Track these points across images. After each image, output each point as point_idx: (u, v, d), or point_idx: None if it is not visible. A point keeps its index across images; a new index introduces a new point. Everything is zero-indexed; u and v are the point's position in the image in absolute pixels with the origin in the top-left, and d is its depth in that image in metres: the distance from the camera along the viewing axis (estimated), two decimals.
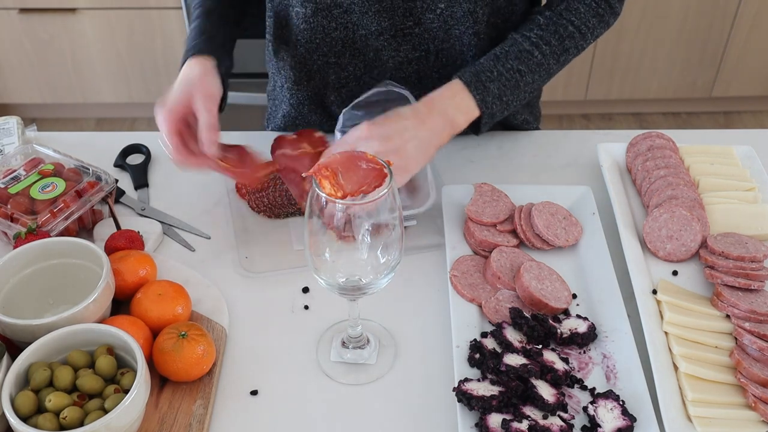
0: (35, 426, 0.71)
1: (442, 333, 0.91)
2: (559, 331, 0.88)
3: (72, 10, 2.62)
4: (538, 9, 1.08)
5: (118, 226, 1.02)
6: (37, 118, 2.96)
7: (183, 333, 0.83)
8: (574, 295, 0.94)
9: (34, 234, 0.92)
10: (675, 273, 0.96)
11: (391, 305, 0.94)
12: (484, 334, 0.88)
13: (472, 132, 1.05)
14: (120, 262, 0.91)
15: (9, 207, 0.97)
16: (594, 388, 0.84)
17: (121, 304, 0.90)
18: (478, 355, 0.85)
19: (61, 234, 0.96)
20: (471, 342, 0.87)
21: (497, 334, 0.86)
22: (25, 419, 0.72)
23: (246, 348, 0.90)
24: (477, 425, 0.78)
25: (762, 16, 2.70)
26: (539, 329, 0.87)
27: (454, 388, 0.80)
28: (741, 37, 2.76)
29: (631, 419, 0.79)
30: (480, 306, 0.92)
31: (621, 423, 0.78)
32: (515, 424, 0.76)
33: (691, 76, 2.87)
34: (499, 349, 0.85)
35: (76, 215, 0.99)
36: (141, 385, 0.74)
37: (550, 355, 0.85)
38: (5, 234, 0.98)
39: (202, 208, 1.09)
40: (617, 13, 1.09)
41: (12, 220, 0.96)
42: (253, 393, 0.85)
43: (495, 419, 0.77)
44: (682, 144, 1.13)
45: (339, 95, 1.15)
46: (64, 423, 0.72)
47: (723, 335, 0.87)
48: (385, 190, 0.72)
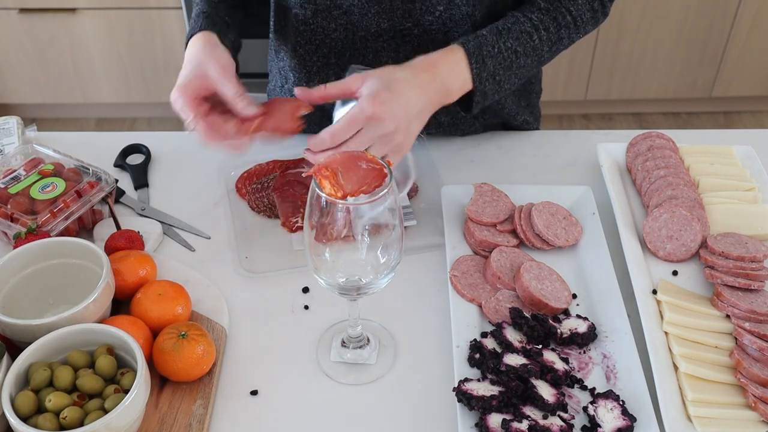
0: (35, 426, 0.71)
1: (442, 333, 0.91)
2: (559, 331, 0.88)
3: (72, 10, 2.62)
4: None
5: (118, 226, 1.02)
6: (37, 118, 2.96)
7: (183, 333, 0.83)
8: (574, 295, 0.94)
9: (34, 234, 0.92)
10: (675, 273, 0.96)
11: (391, 305, 0.94)
12: (484, 334, 0.88)
13: (462, 110, 1.02)
14: (120, 262, 0.91)
15: (9, 207, 0.97)
16: (594, 388, 0.84)
17: (121, 304, 0.90)
18: (478, 355, 0.85)
19: (61, 234, 0.96)
20: (471, 342, 0.87)
21: (497, 334, 0.86)
22: (25, 419, 0.72)
23: (246, 348, 0.90)
24: (477, 425, 0.78)
25: (762, 16, 2.70)
26: (539, 329, 0.87)
27: (454, 388, 0.80)
28: (741, 37, 2.76)
29: (631, 419, 0.79)
30: (480, 306, 0.92)
31: (621, 423, 0.78)
32: (515, 424, 0.76)
33: (691, 76, 2.87)
34: (499, 349, 0.85)
35: (76, 215, 0.99)
36: (141, 385, 0.74)
37: (550, 355, 0.85)
38: (5, 234, 0.98)
39: (202, 208, 1.09)
40: (606, 13, 1.09)
41: (12, 220, 0.96)
42: (253, 393, 0.85)
43: (495, 419, 0.77)
44: (682, 144, 1.13)
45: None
46: (64, 423, 0.72)
47: (723, 335, 0.87)
48: (385, 190, 0.72)
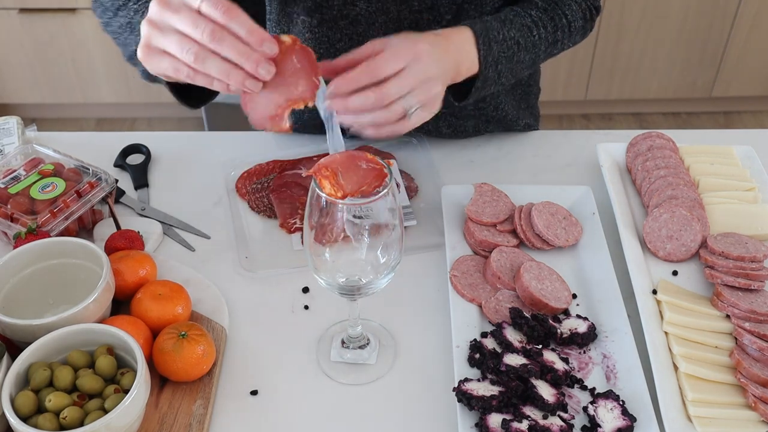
0: (35, 426, 0.71)
1: (442, 333, 0.91)
2: (559, 331, 0.88)
3: (72, 10, 2.62)
4: None
5: (118, 226, 1.02)
6: (37, 118, 2.96)
7: (183, 333, 0.83)
8: (574, 295, 0.94)
9: (34, 234, 0.92)
10: (675, 273, 0.96)
11: (391, 305, 0.94)
12: (484, 334, 0.88)
13: (455, 100, 0.98)
14: (120, 262, 0.91)
15: (9, 207, 0.97)
16: (594, 388, 0.84)
17: (121, 304, 0.90)
18: (478, 355, 0.85)
19: (61, 234, 0.96)
20: (471, 342, 0.87)
21: (497, 334, 0.86)
22: (25, 419, 0.72)
23: (246, 348, 0.90)
24: (477, 425, 0.78)
25: (762, 16, 2.70)
26: (539, 329, 0.87)
27: (454, 388, 0.80)
28: (741, 37, 2.76)
29: (631, 419, 0.79)
30: (480, 306, 0.92)
31: (621, 423, 0.78)
32: (515, 424, 0.76)
33: (691, 76, 2.87)
34: (499, 349, 0.85)
35: (76, 215, 0.99)
36: (141, 385, 0.74)
37: (550, 355, 0.85)
38: (5, 234, 0.98)
39: (202, 208, 1.09)
40: (592, 27, 1.10)
41: (12, 220, 0.96)
42: (253, 393, 0.85)
43: (495, 419, 0.77)
44: (682, 144, 1.13)
45: None
46: (64, 423, 0.72)
47: (723, 335, 0.87)
48: (385, 190, 0.72)
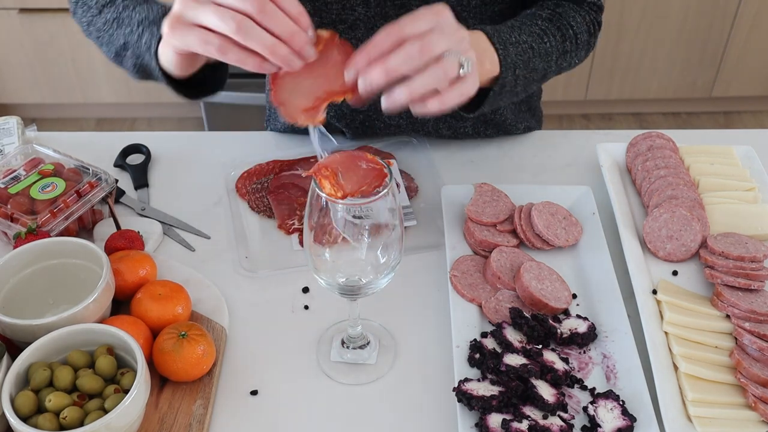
0: (35, 426, 0.71)
1: (442, 333, 0.91)
2: (559, 331, 0.88)
3: None
4: (536, 8, 1.04)
5: (118, 226, 1.02)
6: (37, 118, 2.96)
7: (183, 333, 0.83)
8: (574, 295, 0.94)
9: (34, 234, 0.92)
10: (675, 273, 0.96)
11: (391, 305, 0.94)
12: (484, 334, 0.88)
13: (465, 112, 0.93)
14: (120, 262, 0.91)
15: (9, 207, 0.97)
16: (594, 388, 0.84)
17: (121, 304, 0.90)
18: (478, 355, 0.85)
19: (61, 234, 0.96)
20: (471, 342, 0.87)
21: (497, 334, 0.86)
22: (25, 419, 0.72)
23: (246, 348, 0.90)
24: (477, 425, 0.78)
25: (762, 16, 2.70)
26: (539, 329, 0.87)
27: (454, 388, 0.80)
28: (741, 37, 2.76)
29: (631, 419, 0.79)
30: (480, 306, 0.92)
31: (621, 423, 0.78)
32: (515, 424, 0.76)
33: (691, 76, 2.87)
34: (499, 349, 0.85)
35: (76, 215, 0.98)
36: (141, 385, 0.74)
37: (550, 355, 0.85)
38: (5, 234, 0.98)
39: (202, 208, 1.09)
40: (594, 44, 1.09)
41: (12, 220, 0.96)
42: (253, 393, 0.85)
43: (495, 419, 0.77)
44: (682, 144, 1.13)
45: (339, 109, 1.13)
46: (64, 423, 0.72)
47: (723, 335, 0.87)
48: (385, 190, 0.72)
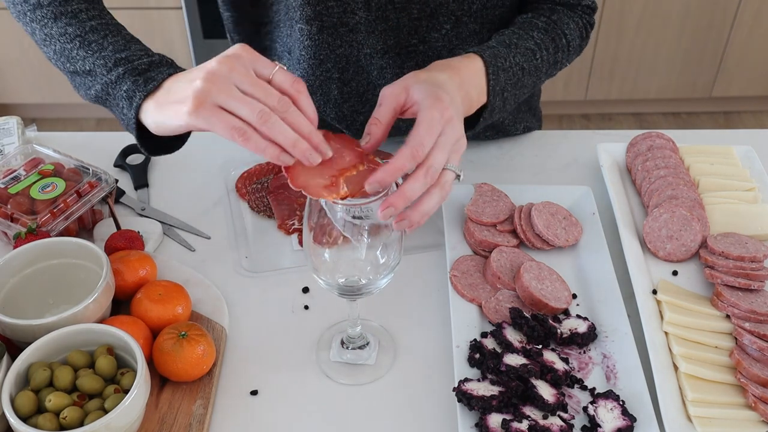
0: (35, 426, 0.71)
1: (442, 333, 0.91)
2: (559, 331, 0.88)
3: None
4: (532, 14, 1.03)
5: (118, 226, 1.02)
6: (37, 118, 2.96)
7: (183, 333, 0.83)
8: (574, 295, 0.94)
9: (34, 234, 0.92)
10: (675, 273, 0.96)
11: (391, 305, 0.94)
12: (484, 334, 0.88)
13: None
14: (120, 262, 0.91)
15: (9, 207, 0.97)
16: (594, 388, 0.84)
17: (121, 304, 0.90)
18: (478, 355, 0.85)
19: (61, 234, 0.96)
20: (471, 342, 0.87)
21: (497, 334, 0.86)
22: (25, 419, 0.72)
23: (246, 348, 0.90)
24: (477, 425, 0.78)
25: (762, 16, 2.70)
26: (539, 329, 0.87)
27: (454, 388, 0.80)
28: (741, 37, 2.76)
29: (631, 419, 0.79)
30: (480, 306, 0.92)
31: (621, 423, 0.78)
32: (515, 424, 0.76)
33: (691, 76, 2.87)
34: (499, 349, 0.85)
35: (76, 215, 0.98)
36: (141, 385, 0.74)
37: (550, 355, 0.85)
38: (5, 234, 0.98)
39: (202, 208, 1.09)
40: (586, 45, 1.08)
41: (12, 220, 0.96)
42: (253, 393, 0.85)
43: (495, 419, 0.77)
44: (682, 144, 1.13)
45: (340, 110, 1.13)
46: (64, 423, 0.72)
47: (723, 335, 0.87)
48: (385, 191, 0.72)
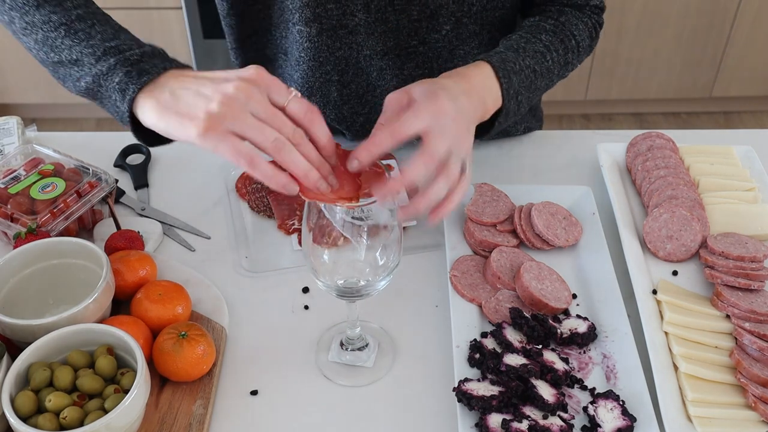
0: (35, 426, 0.71)
1: (442, 333, 0.91)
2: (559, 331, 0.88)
3: None
4: (539, 18, 1.03)
5: (118, 226, 1.02)
6: (37, 118, 2.96)
7: (183, 333, 0.83)
8: (574, 295, 0.94)
9: (34, 234, 0.92)
10: (675, 273, 0.96)
11: (390, 305, 0.94)
12: (484, 334, 0.88)
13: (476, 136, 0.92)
14: (120, 262, 0.91)
15: (9, 207, 0.97)
16: (594, 388, 0.84)
17: (121, 304, 0.90)
18: (478, 355, 0.85)
19: (61, 234, 0.96)
20: (471, 342, 0.87)
21: (497, 334, 0.86)
22: (25, 419, 0.72)
23: (246, 348, 0.90)
24: (477, 425, 0.78)
25: (762, 16, 2.70)
26: (539, 329, 0.87)
27: (454, 388, 0.80)
28: (741, 37, 2.76)
29: (631, 419, 0.79)
30: (480, 306, 0.92)
31: (621, 423, 0.78)
32: (515, 424, 0.76)
33: (691, 76, 2.87)
34: (499, 349, 0.85)
35: (76, 215, 0.98)
36: (141, 385, 0.74)
37: (550, 355, 0.85)
38: (5, 234, 0.98)
39: (202, 208, 1.09)
40: (596, 44, 1.09)
41: (12, 220, 0.96)
42: (253, 393, 0.85)
43: (495, 419, 0.77)
44: (682, 144, 1.13)
45: (340, 112, 1.13)
46: (64, 423, 0.72)
47: (723, 335, 0.87)
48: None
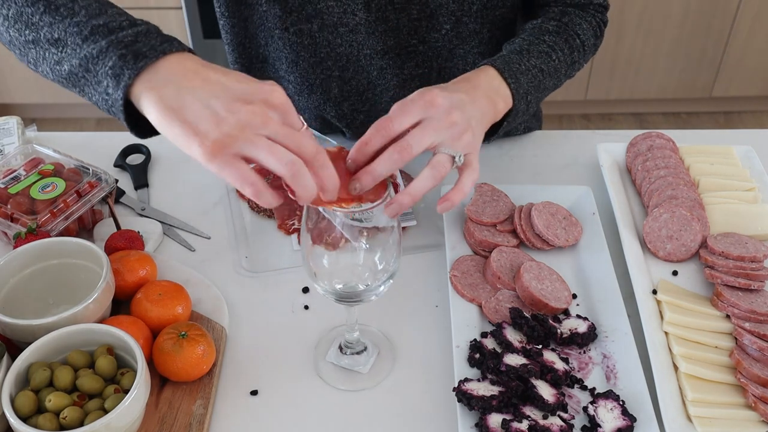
0: (35, 426, 0.71)
1: (442, 333, 0.91)
2: (559, 331, 0.88)
3: None
4: (541, 19, 1.03)
5: (118, 226, 1.02)
6: (37, 118, 2.96)
7: (183, 333, 0.83)
8: (574, 295, 0.94)
9: (34, 234, 0.92)
10: (675, 273, 0.96)
11: (390, 305, 0.94)
12: (484, 334, 0.88)
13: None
14: (120, 262, 0.91)
15: (9, 207, 0.97)
16: (594, 388, 0.84)
17: (121, 304, 0.90)
18: (478, 355, 0.85)
19: (61, 234, 0.96)
20: (471, 342, 0.87)
21: (497, 334, 0.86)
22: (25, 419, 0.72)
23: (246, 348, 0.90)
24: (477, 425, 0.78)
25: (762, 16, 2.70)
26: (539, 329, 0.87)
27: (454, 388, 0.80)
28: (741, 37, 2.76)
29: (631, 419, 0.79)
30: (480, 306, 0.92)
31: (621, 423, 0.78)
32: (515, 424, 0.76)
33: (691, 76, 2.87)
34: (499, 349, 0.85)
35: (76, 215, 0.98)
36: (141, 385, 0.74)
37: (550, 355, 0.85)
38: (5, 234, 0.98)
39: (202, 208, 1.09)
40: (601, 43, 1.08)
41: (12, 220, 0.96)
42: (253, 393, 0.85)
43: (495, 419, 0.77)
44: (682, 144, 1.13)
45: (340, 109, 1.13)
46: (64, 423, 0.72)
47: (723, 335, 0.87)
48: (385, 193, 0.72)
